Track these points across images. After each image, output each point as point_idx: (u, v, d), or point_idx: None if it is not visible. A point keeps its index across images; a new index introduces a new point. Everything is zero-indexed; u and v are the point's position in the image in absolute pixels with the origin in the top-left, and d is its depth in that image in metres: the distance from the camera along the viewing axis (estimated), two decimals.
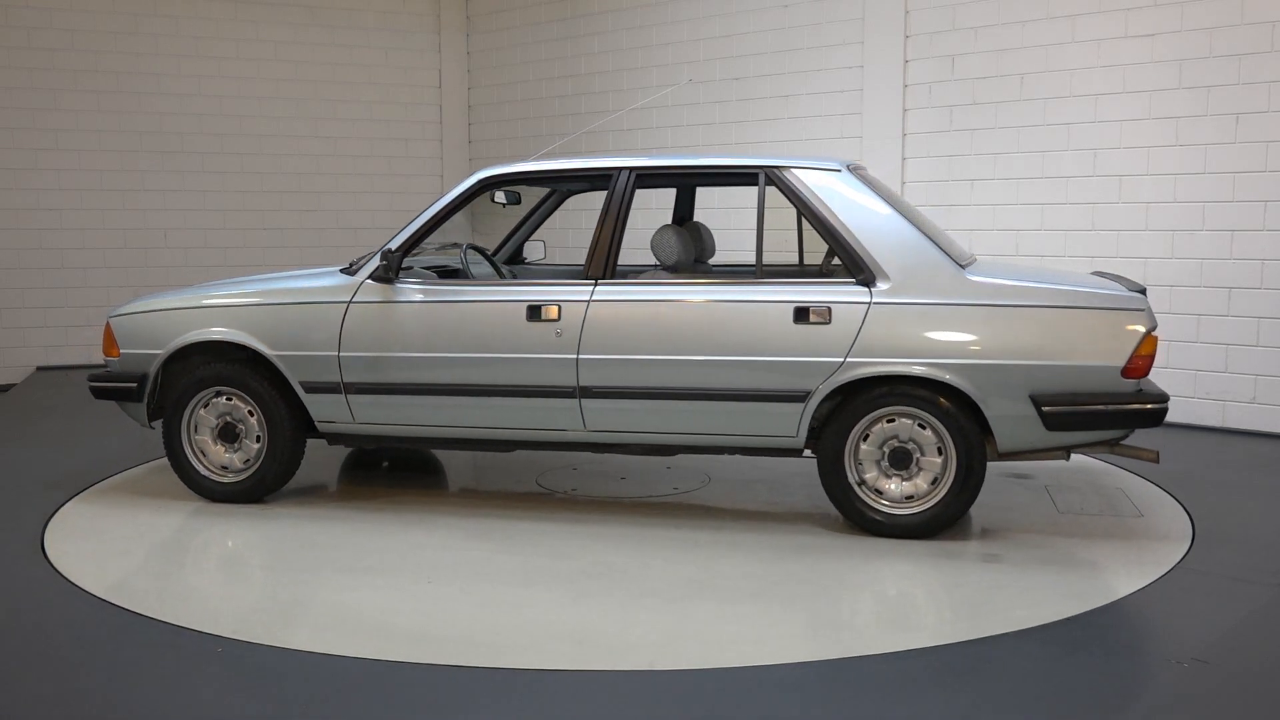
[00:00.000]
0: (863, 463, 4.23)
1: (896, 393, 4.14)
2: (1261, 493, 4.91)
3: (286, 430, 4.68)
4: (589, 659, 3.13)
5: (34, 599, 3.64)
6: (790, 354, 4.19)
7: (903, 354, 4.10)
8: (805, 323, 4.18)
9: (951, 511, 4.15)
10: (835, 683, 2.98)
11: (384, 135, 9.72)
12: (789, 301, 4.21)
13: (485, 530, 4.37)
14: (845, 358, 4.13)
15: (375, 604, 3.57)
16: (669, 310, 4.34)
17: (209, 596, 3.63)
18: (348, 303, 4.60)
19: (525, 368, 4.40)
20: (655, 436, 4.42)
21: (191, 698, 2.90)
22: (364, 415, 4.64)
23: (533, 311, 4.41)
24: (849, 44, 7.43)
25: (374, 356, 4.56)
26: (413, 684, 2.97)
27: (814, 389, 4.17)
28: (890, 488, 4.22)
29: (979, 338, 4.06)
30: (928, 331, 4.10)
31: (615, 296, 4.37)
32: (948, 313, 4.10)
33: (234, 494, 4.74)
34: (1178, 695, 2.92)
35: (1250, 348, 6.06)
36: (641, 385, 4.32)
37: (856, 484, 4.23)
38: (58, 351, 8.75)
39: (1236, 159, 6.00)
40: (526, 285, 4.61)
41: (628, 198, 4.48)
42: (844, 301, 4.17)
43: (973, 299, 4.10)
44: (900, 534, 4.19)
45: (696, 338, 4.28)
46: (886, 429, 4.20)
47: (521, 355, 4.40)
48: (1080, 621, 3.37)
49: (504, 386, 4.44)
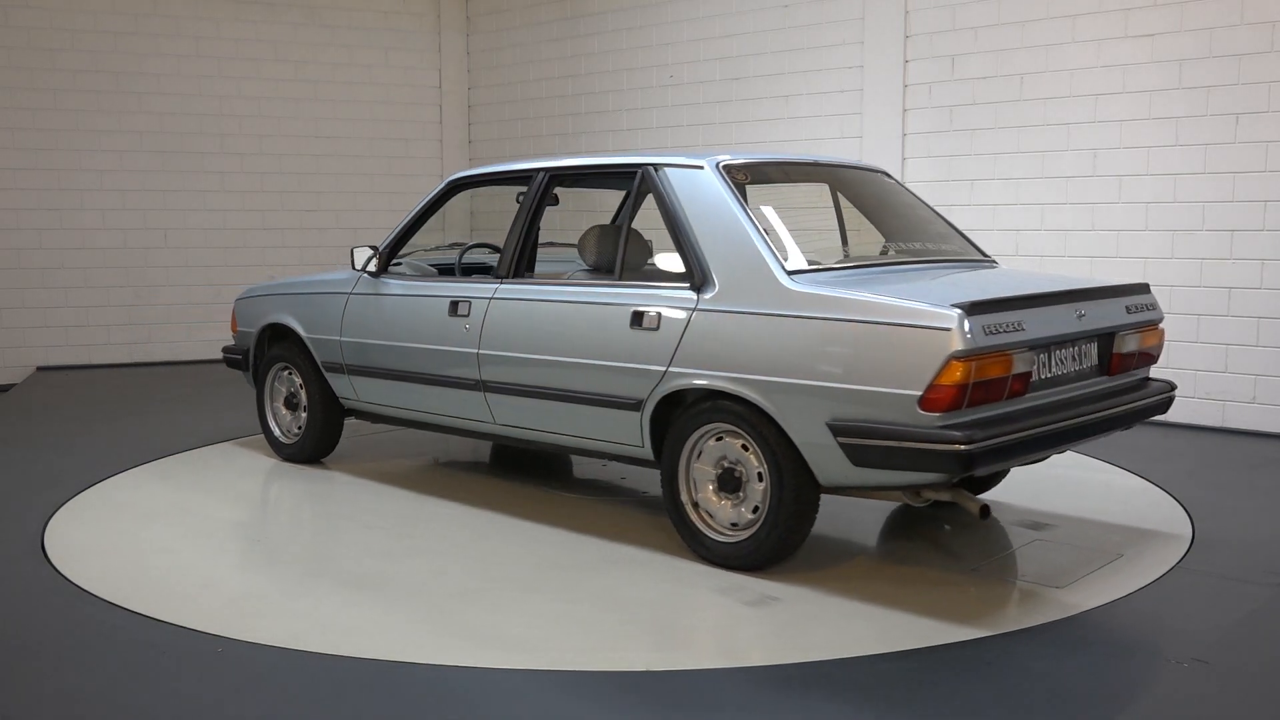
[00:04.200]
0: (697, 482, 3.91)
1: (719, 408, 3.77)
2: (1261, 493, 4.91)
3: (318, 404, 5.31)
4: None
5: (34, 599, 3.64)
6: (624, 360, 4.00)
7: (715, 366, 3.75)
8: (640, 328, 3.96)
9: (769, 546, 3.70)
10: (829, 681, 2.98)
11: (384, 135, 9.72)
12: (628, 305, 4.03)
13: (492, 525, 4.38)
14: (668, 367, 3.88)
15: (373, 606, 3.57)
16: (539, 310, 4.35)
17: (209, 596, 3.63)
18: (349, 294, 5.14)
19: (446, 360, 4.68)
20: (538, 435, 4.45)
21: (191, 698, 2.90)
22: (361, 394, 5.15)
23: (452, 307, 4.66)
24: (849, 44, 7.44)
25: (359, 342, 5.07)
26: (412, 684, 2.97)
27: (645, 397, 3.95)
28: (721, 512, 3.87)
29: (782, 353, 3.59)
30: (739, 343, 3.71)
31: (510, 295, 4.48)
32: (759, 324, 3.67)
33: (291, 456, 5.51)
34: (1178, 695, 2.92)
35: (1250, 348, 6.06)
36: (521, 383, 4.40)
37: (690, 504, 3.92)
38: (58, 351, 8.75)
39: (1236, 159, 6.01)
40: (453, 282, 4.81)
41: (538, 198, 4.56)
42: (672, 307, 3.90)
43: (783, 309, 3.62)
44: (723, 563, 3.82)
45: (554, 338, 4.26)
46: (716, 447, 3.85)
47: (442, 348, 4.68)
48: (1080, 621, 3.38)
49: (436, 376, 4.75)
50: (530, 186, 4.61)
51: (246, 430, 6.23)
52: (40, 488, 5.00)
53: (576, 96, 9.13)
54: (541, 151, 9.24)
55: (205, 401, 7.36)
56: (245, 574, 3.88)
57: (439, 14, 9.86)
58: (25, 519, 4.51)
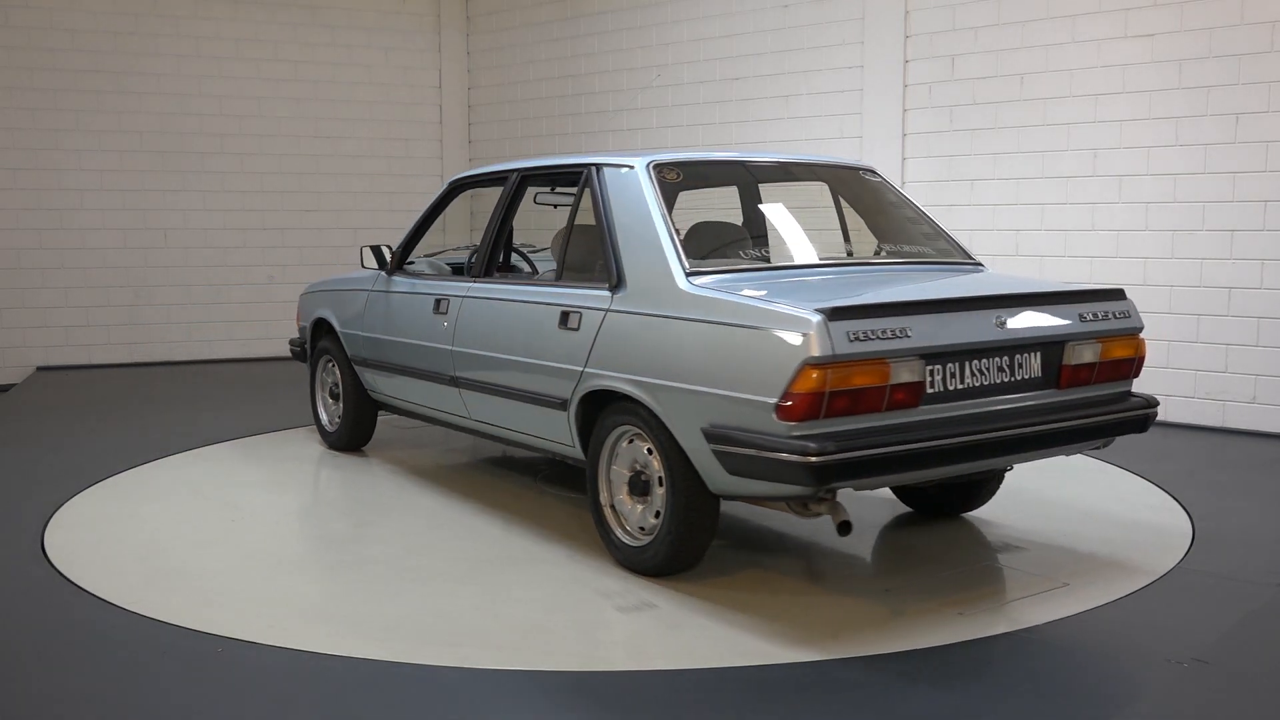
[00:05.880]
0: (614, 484, 3.85)
1: (625, 410, 3.71)
2: (1261, 493, 4.91)
3: (350, 395, 5.57)
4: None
5: (34, 599, 3.64)
6: (552, 359, 4.02)
7: (619, 368, 3.70)
8: (565, 328, 3.98)
9: (665, 553, 3.62)
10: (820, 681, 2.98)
11: (384, 135, 9.72)
12: (558, 305, 4.05)
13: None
14: (584, 367, 3.86)
15: (366, 603, 3.58)
16: (494, 309, 4.45)
17: (209, 596, 3.63)
18: (368, 291, 5.36)
19: (430, 356, 4.82)
20: (500, 431, 4.55)
21: (191, 698, 2.89)
22: (376, 386, 5.40)
23: (435, 305, 4.80)
24: (849, 44, 7.43)
25: (372, 337, 5.29)
26: (412, 684, 2.97)
27: (568, 397, 3.95)
28: (633, 515, 3.80)
29: (668, 356, 3.52)
30: (638, 345, 3.65)
31: (476, 294, 4.58)
32: (652, 326, 3.61)
33: (332, 444, 5.77)
34: (1178, 695, 2.92)
35: (1250, 348, 6.06)
36: (482, 380, 4.51)
37: (608, 506, 3.87)
38: (58, 351, 8.75)
39: (1236, 159, 6.00)
40: (441, 281, 4.93)
41: (509, 199, 4.62)
42: (590, 308, 3.88)
43: (674, 311, 3.54)
44: (632, 567, 3.76)
45: (501, 336, 4.35)
46: (630, 450, 3.78)
47: (428, 344, 4.83)
48: (1080, 621, 3.37)
49: (424, 371, 4.89)
50: (504, 187, 4.68)
51: (247, 430, 6.24)
52: (40, 488, 4.99)
53: (576, 96, 9.13)
54: (542, 151, 9.24)
55: (205, 401, 7.36)
56: (245, 574, 3.88)
57: (439, 14, 9.86)
58: (25, 519, 4.50)
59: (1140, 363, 3.78)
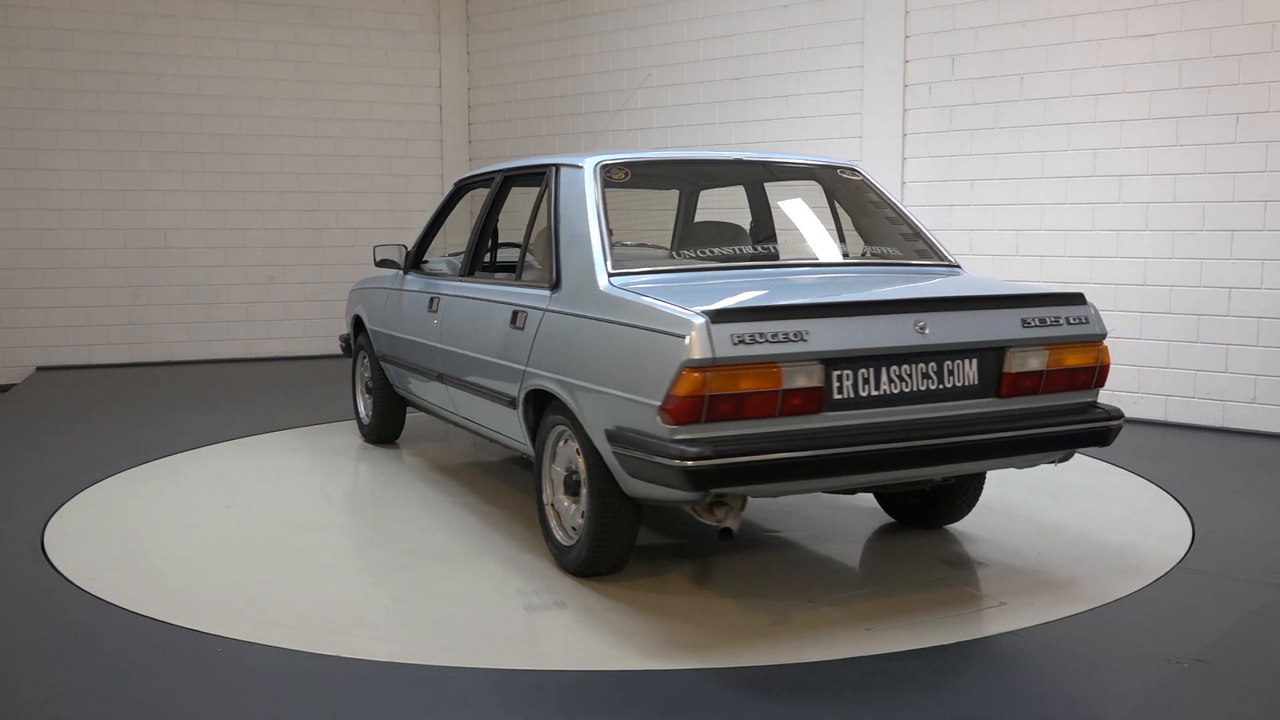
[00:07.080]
0: (554, 482, 3.82)
1: (559, 409, 3.69)
2: (1261, 493, 4.91)
3: (379, 389, 5.73)
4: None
5: (34, 599, 3.63)
6: (504, 357, 4.06)
7: (549, 368, 3.72)
8: (514, 327, 4.01)
9: (587, 554, 3.58)
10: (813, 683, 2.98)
11: (384, 135, 9.72)
12: (510, 305, 4.09)
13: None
14: (525, 366, 3.89)
15: (355, 602, 3.58)
16: (466, 307, 4.55)
17: (209, 596, 3.63)
18: (389, 289, 5.52)
19: (425, 353, 4.93)
20: (474, 426, 4.64)
21: (191, 698, 2.89)
22: (393, 380, 5.57)
23: (429, 303, 4.93)
24: (849, 44, 7.44)
25: (389, 333, 5.45)
26: (413, 684, 2.97)
27: (515, 395, 3.98)
28: (567, 515, 3.76)
29: (584, 357, 3.52)
30: (564, 345, 3.66)
31: (457, 293, 4.68)
32: (575, 326, 3.61)
33: (366, 437, 5.97)
34: (1178, 695, 2.92)
35: (1250, 348, 6.06)
36: (457, 376, 4.60)
37: (549, 504, 3.85)
38: (58, 351, 8.75)
39: (1236, 159, 6.01)
40: (436, 280, 5.01)
41: (493, 199, 4.67)
42: (532, 307, 3.91)
43: (592, 312, 3.53)
44: (563, 567, 3.74)
45: (471, 333, 4.44)
46: (565, 449, 3.75)
47: (423, 341, 4.95)
48: (1080, 622, 3.37)
49: (422, 367, 5.01)
50: (490, 188, 4.74)
51: (247, 430, 6.24)
52: (40, 488, 5.00)
53: (576, 96, 9.13)
54: (542, 151, 9.24)
55: (205, 401, 7.36)
56: (245, 573, 3.88)
57: (439, 14, 9.86)
58: (25, 519, 4.50)
59: (1103, 372, 3.54)
